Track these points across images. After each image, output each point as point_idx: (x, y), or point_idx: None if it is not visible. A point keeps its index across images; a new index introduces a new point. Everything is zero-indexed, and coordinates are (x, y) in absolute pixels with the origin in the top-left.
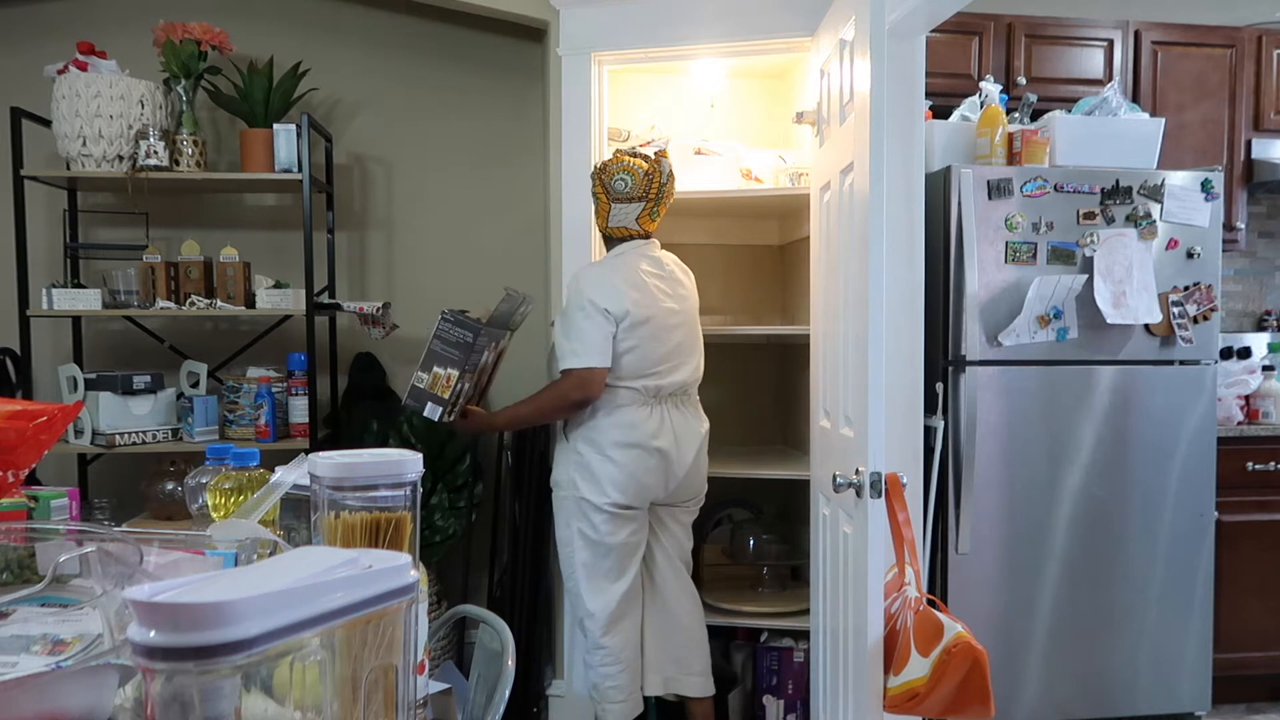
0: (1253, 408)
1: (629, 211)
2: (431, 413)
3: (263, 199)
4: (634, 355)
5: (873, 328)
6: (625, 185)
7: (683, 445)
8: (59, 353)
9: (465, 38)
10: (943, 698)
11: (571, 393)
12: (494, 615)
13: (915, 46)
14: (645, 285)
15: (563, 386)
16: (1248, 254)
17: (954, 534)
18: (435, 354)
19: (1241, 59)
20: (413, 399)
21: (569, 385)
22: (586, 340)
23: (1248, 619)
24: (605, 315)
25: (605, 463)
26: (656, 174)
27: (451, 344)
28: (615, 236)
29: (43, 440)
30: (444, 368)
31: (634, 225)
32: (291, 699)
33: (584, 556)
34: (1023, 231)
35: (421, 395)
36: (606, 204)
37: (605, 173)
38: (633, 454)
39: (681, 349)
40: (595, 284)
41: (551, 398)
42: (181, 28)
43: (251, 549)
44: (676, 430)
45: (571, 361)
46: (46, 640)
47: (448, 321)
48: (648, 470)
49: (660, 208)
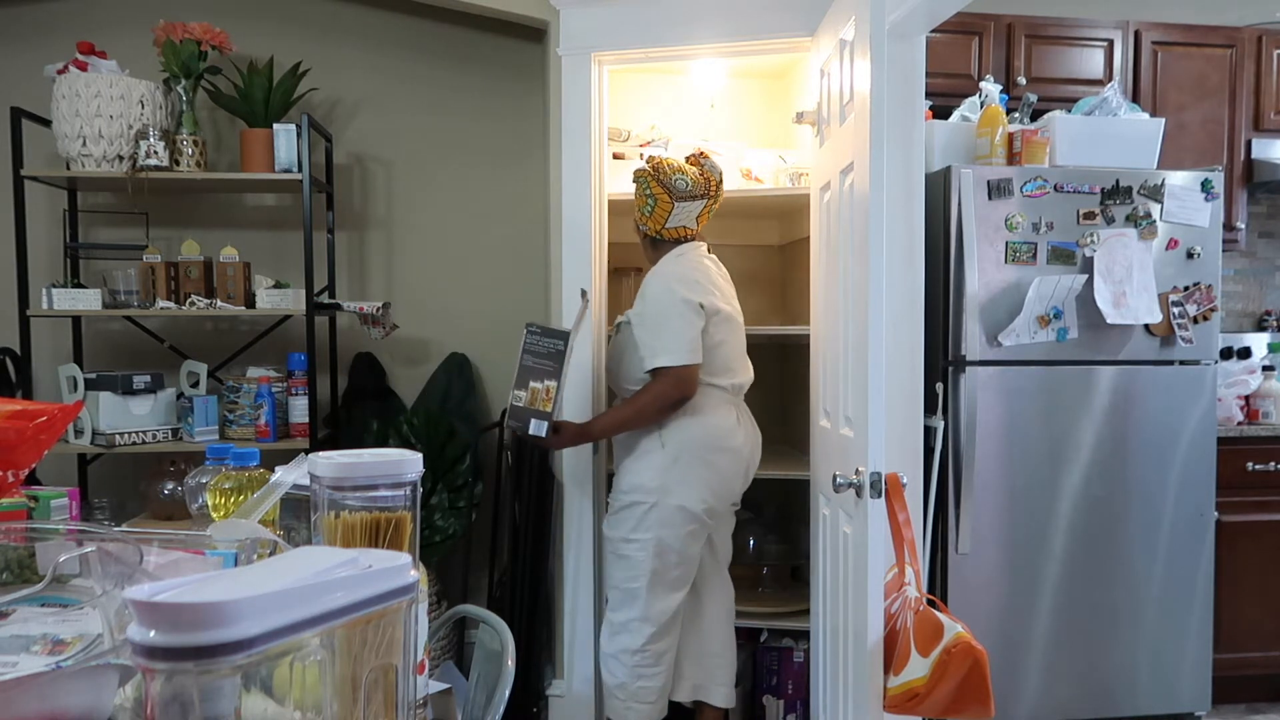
0: (1253, 408)
1: (691, 210)
2: (537, 429)
3: (263, 199)
4: (723, 350)
5: (873, 328)
6: (686, 184)
7: (756, 447)
8: (59, 353)
9: (465, 38)
10: (943, 698)
11: (671, 392)
12: (494, 615)
13: (915, 46)
14: (719, 282)
15: (661, 386)
16: (1248, 254)
17: (954, 534)
18: (529, 369)
19: (1241, 59)
20: (514, 419)
21: (668, 384)
22: (681, 336)
23: (1248, 619)
24: (698, 310)
25: (704, 467)
26: (707, 172)
27: (543, 355)
28: (668, 239)
29: (43, 440)
30: (541, 381)
31: (693, 224)
32: (291, 699)
33: (655, 564)
34: (1023, 231)
35: (523, 414)
36: (669, 203)
37: (662, 174)
38: (726, 457)
39: (744, 348)
40: (681, 280)
41: (653, 398)
42: (181, 28)
43: (251, 549)
44: (748, 430)
45: (665, 359)
46: (46, 640)
47: (534, 334)
48: (735, 474)
49: (716, 204)
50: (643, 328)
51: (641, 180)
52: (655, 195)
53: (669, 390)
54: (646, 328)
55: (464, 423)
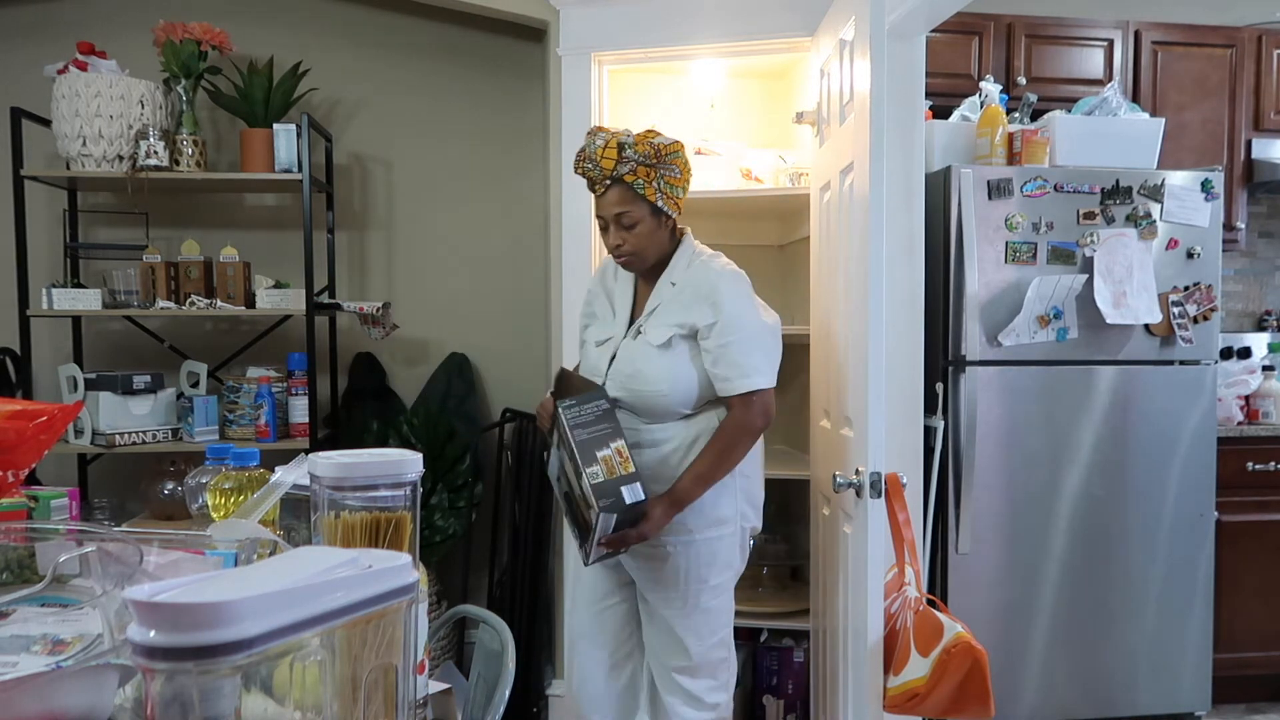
0: (1253, 408)
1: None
2: (634, 495)
3: (263, 199)
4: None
5: (873, 328)
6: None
7: None
8: (59, 353)
9: (465, 38)
10: (943, 698)
11: (759, 421)
12: (494, 615)
13: (915, 46)
14: None
15: (749, 415)
16: (1248, 254)
17: (954, 534)
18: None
19: (1241, 59)
20: (604, 497)
21: (757, 412)
22: (773, 356)
23: (1248, 619)
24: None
25: (758, 483)
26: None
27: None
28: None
29: (43, 440)
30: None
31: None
32: (291, 699)
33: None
34: (1023, 231)
35: (608, 488)
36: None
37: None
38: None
39: None
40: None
41: (742, 431)
42: (181, 28)
43: (251, 549)
44: None
45: (760, 381)
46: (46, 640)
47: (572, 407)
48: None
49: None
50: (730, 342)
51: (670, 154)
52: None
53: (757, 419)
54: (733, 343)
55: (464, 423)
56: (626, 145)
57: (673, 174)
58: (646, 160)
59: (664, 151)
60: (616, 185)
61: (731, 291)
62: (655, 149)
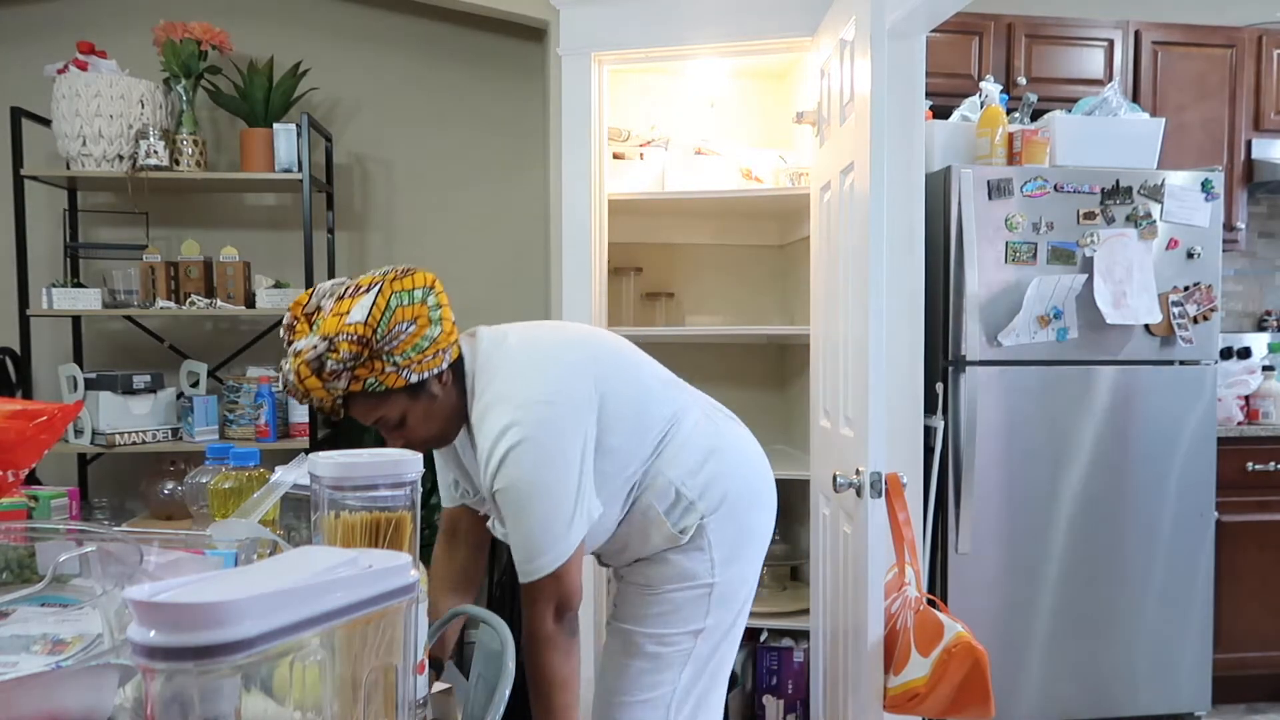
0: (1253, 408)
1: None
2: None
3: (263, 199)
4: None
5: (873, 328)
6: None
7: None
8: (59, 353)
9: (465, 37)
10: (943, 698)
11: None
12: (494, 615)
13: (915, 46)
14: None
15: (538, 611)
16: (1248, 254)
17: (954, 534)
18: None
19: (1241, 59)
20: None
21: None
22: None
23: (1248, 619)
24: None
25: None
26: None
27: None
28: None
29: (43, 440)
30: None
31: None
32: (291, 699)
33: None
34: (1023, 231)
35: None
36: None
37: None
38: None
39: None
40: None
41: (537, 649)
42: (181, 27)
43: (251, 549)
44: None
45: (546, 564)
46: (46, 640)
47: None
48: None
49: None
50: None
51: (383, 328)
52: (413, 314)
53: (548, 620)
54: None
55: None
56: (324, 360)
57: (403, 339)
58: (359, 360)
59: (375, 334)
60: (350, 401)
61: (510, 457)
62: (361, 340)
